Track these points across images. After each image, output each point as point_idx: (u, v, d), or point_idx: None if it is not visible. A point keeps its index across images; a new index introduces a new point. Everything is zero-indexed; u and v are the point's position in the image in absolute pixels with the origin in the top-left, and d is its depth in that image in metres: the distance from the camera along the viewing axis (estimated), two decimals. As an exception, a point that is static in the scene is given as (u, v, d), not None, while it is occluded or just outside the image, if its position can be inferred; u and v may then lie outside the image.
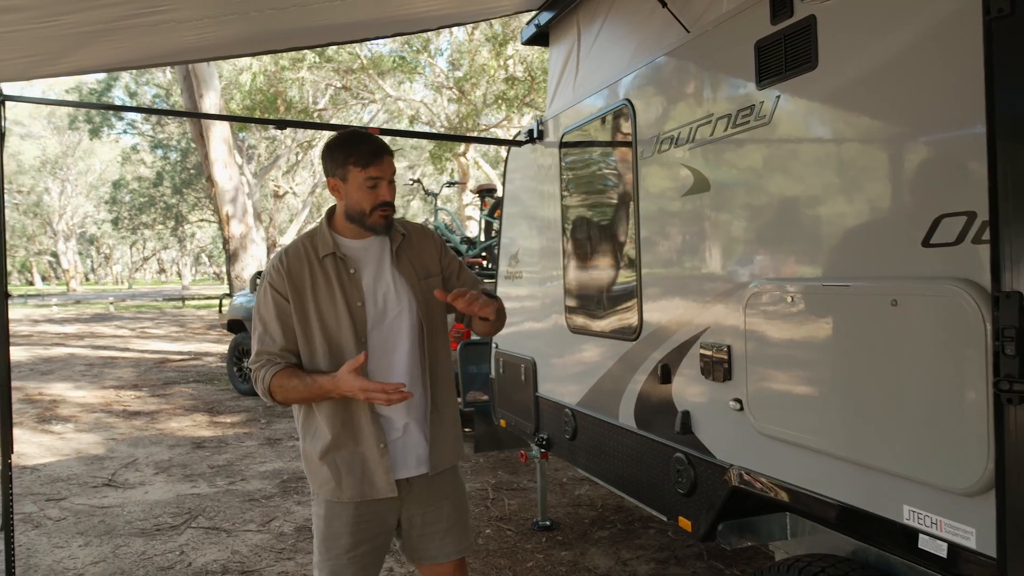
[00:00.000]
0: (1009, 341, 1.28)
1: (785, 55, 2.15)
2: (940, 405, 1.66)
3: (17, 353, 14.26)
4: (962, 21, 1.61)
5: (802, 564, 2.11)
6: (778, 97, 2.19)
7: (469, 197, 19.08)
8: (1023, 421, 1.28)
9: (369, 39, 3.87)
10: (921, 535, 1.72)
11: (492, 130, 18.63)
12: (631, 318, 3.04)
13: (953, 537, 1.64)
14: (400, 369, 2.15)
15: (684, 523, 2.69)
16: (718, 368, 2.46)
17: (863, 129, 1.93)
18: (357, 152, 2.05)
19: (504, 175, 4.55)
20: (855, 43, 1.93)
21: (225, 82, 19.24)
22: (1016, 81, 1.30)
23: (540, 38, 4.14)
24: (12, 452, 3.30)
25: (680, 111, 2.71)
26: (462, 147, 18.95)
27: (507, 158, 4.49)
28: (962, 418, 1.60)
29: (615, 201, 3.21)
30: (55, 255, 54.50)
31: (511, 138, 4.37)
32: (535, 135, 3.99)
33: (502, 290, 4.56)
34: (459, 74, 18.44)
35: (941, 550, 1.66)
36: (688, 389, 2.67)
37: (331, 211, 2.21)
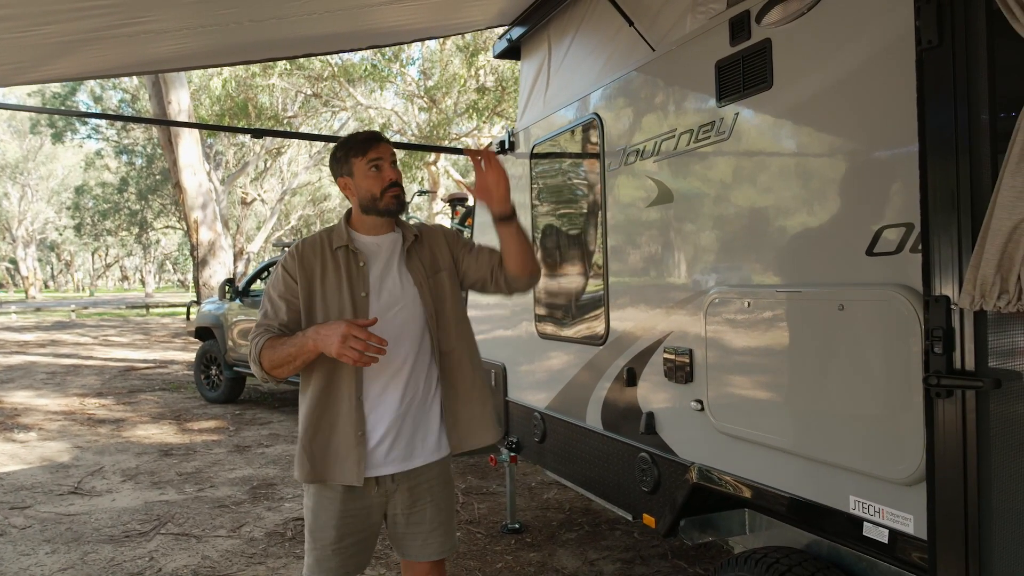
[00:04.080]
0: (937, 340, 1.42)
1: (743, 75, 2.29)
2: (881, 401, 1.79)
3: (-24, 361, 13.95)
4: (898, 48, 1.75)
5: (758, 556, 2.23)
6: (737, 114, 2.33)
7: (440, 206, 19.15)
8: (950, 414, 1.41)
9: (345, 51, 3.95)
10: (865, 523, 1.85)
11: (463, 139, 18.73)
12: (599, 324, 3.15)
13: (893, 524, 1.77)
14: (401, 360, 2.18)
15: (648, 520, 2.80)
16: (680, 371, 2.58)
17: (814, 145, 2.07)
18: (353, 144, 2.20)
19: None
20: (806, 65, 2.07)
21: (195, 87, 19.07)
22: (943, 105, 1.44)
23: (512, 52, 4.25)
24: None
25: (646, 125, 2.84)
26: (432, 156, 19.02)
27: (479, 168, 4.59)
28: (900, 412, 1.73)
29: (584, 211, 3.33)
30: (13, 262, 53.23)
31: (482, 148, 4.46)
32: (506, 146, 4.10)
33: (473, 297, 4.65)
34: (430, 83, 18.54)
35: (883, 536, 1.79)
36: (652, 391, 2.79)
37: (349, 212, 2.30)
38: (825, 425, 1.97)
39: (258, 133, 3.52)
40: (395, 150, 2.25)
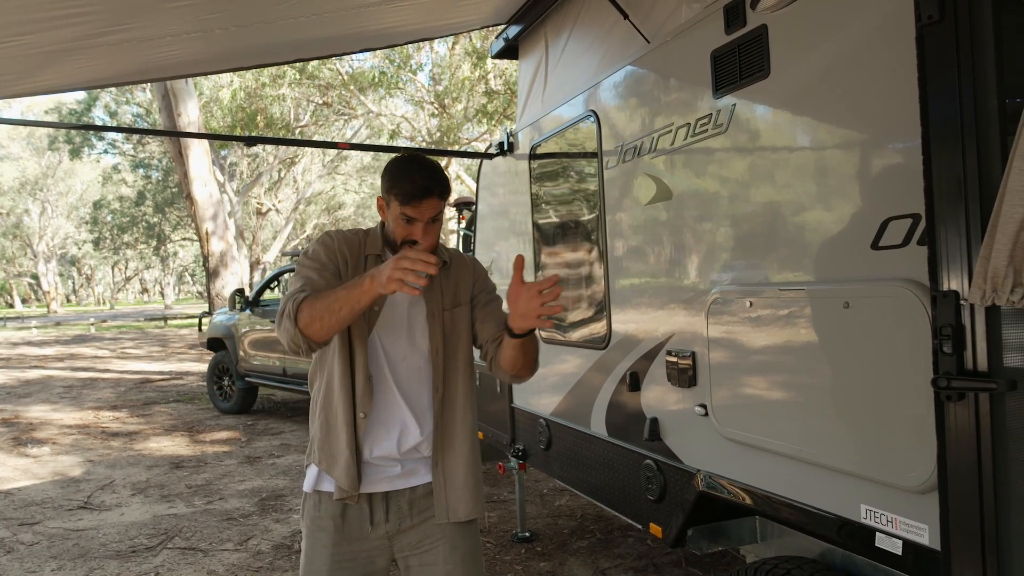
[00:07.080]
0: (947, 339, 1.31)
1: (739, 64, 2.19)
2: (891, 404, 1.68)
3: (-5, 376, 14.08)
4: (901, 29, 1.64)
5: (770, 566, 2.13)
6: (734, 105, 2.23)
7: (451, 211, 19.09)
8: (962, 418, 1.30)
9: (337, 55, 3.89)
10: (878, 533, 1.74)
11: (473, 144, 18.69)
12: (600, 327, 3.06)
13: (907, 534, 1.66)
14: (407, 383, 2.00)
15: (655, 529, 2.70)
16: (683, 374, 2.48)
17: (814, 135, 1.97)
18: (400, 186, 1.92)
19: (477, 188, 4.57)
20: (804, 51, 1.97)
21: (205, 99, 19.17)
22: (946, 84, 1.34)
23: (509, 51, 4.17)
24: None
25: (642, 121, 2.74)
26: (444, 161, 18.99)
27: (479, 171, 4.52)
28: (912, 416, 1.62)
29: (583, 211, 3.24)
30: (35, 277, 53.91)
31: (483, 151, 4.39)
32: (506, 147, 4.01)
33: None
34: (440, 88, 18.50)
35: (896, 547, 1.68)
36: (656, 396, 2.69)
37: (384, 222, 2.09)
38: (832, 429, 1.86)
39: (251, 141, 3.47)
40: (444, 201, 1.99)
